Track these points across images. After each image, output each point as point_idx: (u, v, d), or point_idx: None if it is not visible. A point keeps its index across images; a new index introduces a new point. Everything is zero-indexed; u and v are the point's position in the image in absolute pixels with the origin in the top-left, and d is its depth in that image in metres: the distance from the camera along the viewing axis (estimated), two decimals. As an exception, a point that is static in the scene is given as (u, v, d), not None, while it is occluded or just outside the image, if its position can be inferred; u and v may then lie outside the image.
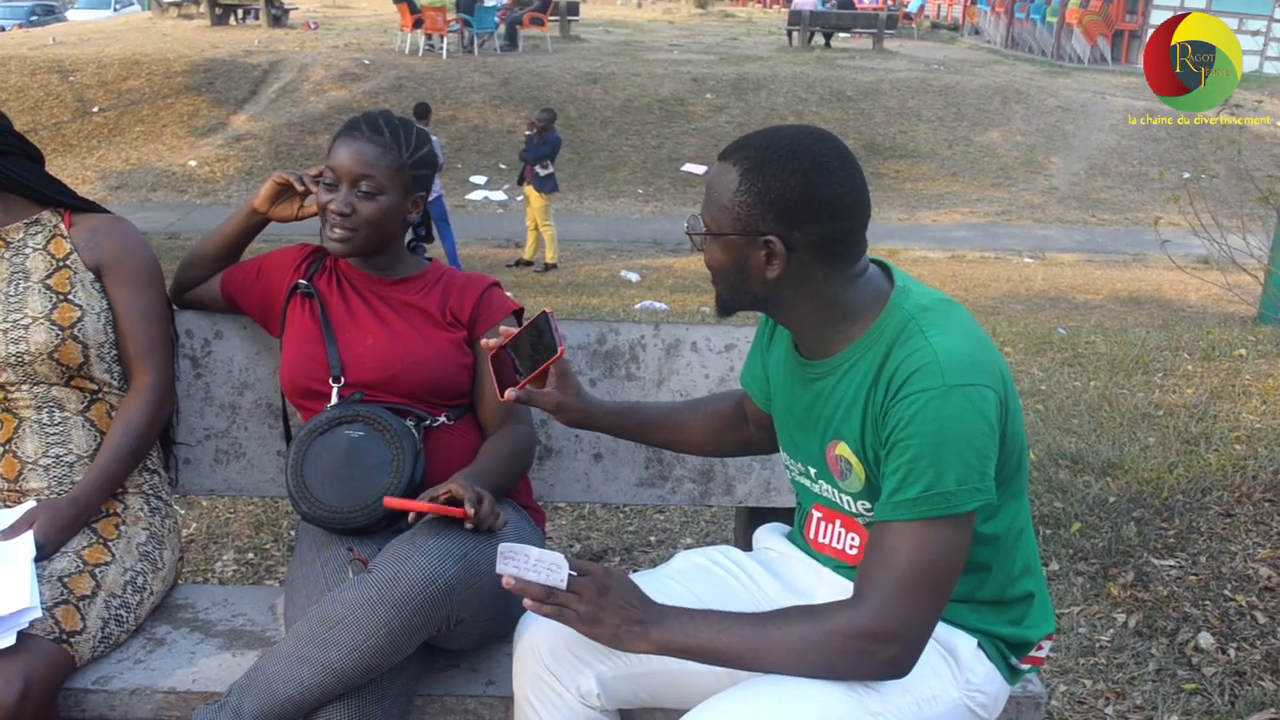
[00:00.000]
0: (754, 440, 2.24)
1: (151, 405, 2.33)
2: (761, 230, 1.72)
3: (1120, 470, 4.29)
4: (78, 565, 2.15)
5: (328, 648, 1.91)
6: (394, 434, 2.20)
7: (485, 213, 17.30)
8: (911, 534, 1.66)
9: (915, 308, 1.76)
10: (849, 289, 1.79)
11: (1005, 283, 13.07)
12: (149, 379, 2.34)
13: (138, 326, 2.34)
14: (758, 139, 1.76)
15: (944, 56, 27.49)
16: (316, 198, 2.34)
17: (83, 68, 21.24)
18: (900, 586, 1.65)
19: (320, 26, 27.44)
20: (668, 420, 2.22)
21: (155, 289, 2.39)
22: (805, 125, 1.81)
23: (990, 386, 1.68)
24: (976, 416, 1.65)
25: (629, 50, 25.52)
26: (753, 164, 1.72)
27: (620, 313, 8.47)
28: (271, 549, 3.84)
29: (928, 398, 1.65)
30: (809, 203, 1.70)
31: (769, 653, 1.69)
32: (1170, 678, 3.05)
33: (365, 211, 2.30)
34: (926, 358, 1.67)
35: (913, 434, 1.66)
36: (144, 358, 2.34)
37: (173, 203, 17.34)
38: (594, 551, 3.86)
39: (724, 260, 1.79)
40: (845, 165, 1.73)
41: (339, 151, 2.30)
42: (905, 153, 20.37)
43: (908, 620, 1.66)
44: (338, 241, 2.32)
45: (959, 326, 1.74)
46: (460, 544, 1.99)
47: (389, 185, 2.31)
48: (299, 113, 20.09)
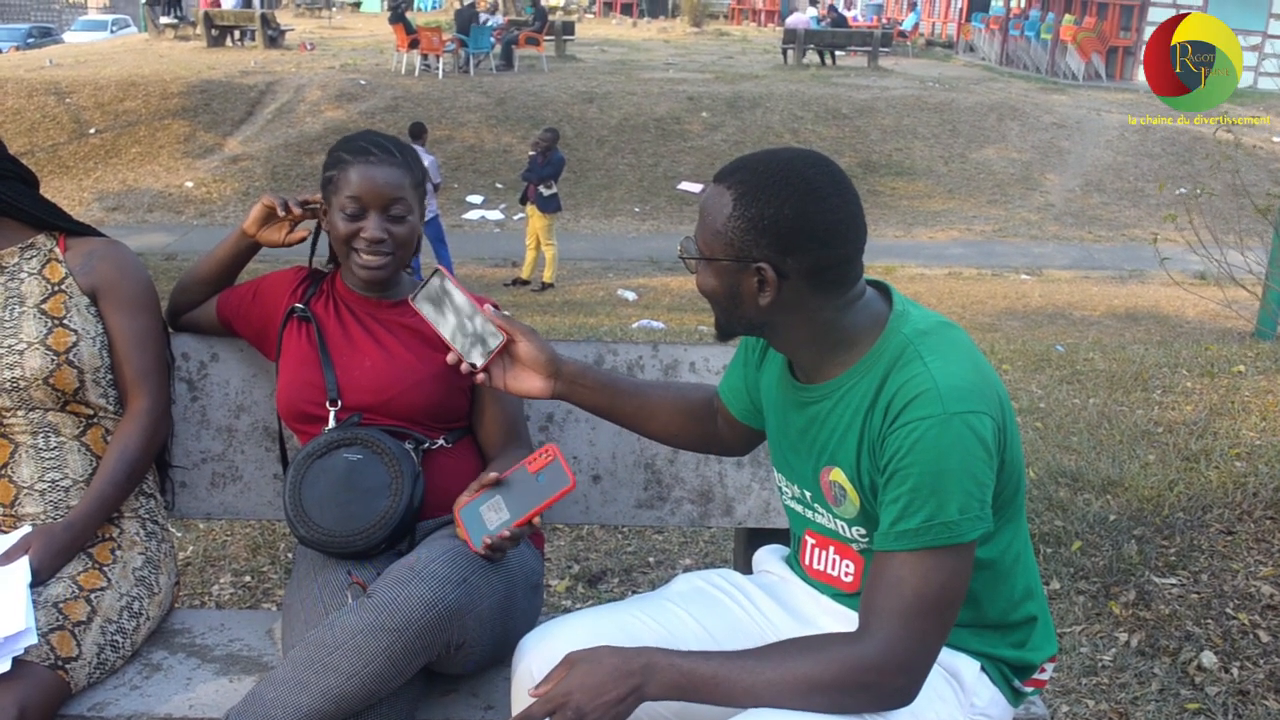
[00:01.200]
0: (720, 437, 2.20)
1: (147, 430, 2.32)
2: (754, 257, 1.70)
3: (1120, 488, 4.28)
4: (73, 591, 2.13)
5: (326, 673, 1.89)
6: (392, 457, 2.19)
7: (482, 232, 17.30)
8: (917, 564, 1.65)
9: (914, 332, 1.74)
10: (845, 314, 1.77)
11: (1002, 299, 13.07)
12: (144, 403, 2.33)
13: (133, 351, 2.33)
14: (753, 162, 1.74)
15: (939, 74, 27.58)
16: (333, 228, 2.32)
17: (79, 89, 21.29)
18: (907, 617, 1.64)
19: (316, 48, 27.48)
20: (637, 392, 2.13)
21: (150, 313, 2.38)
22: (801, 149, 1.79)
23: (988, 413, 1.67)
24: (976, 444, 1.64)
25: (625, 69, 25.59)
26: (747, 189, 1.70)
27: (617, 332, 8.46)
28: (269, 572, 3.82)
29: (927, 425, 1.63)
30: (802, 230, 1.68)
31: (770, 693, 1.66)
32: (1173, 697, 3.04)
33: (399, 234, 2.30)
34: (925, 384, 1.66)
35: (913, 462, 1.64)
36: (139, 382, 2.33)
37: (169, 224, 17.35)
38: (593, 573, 3.85)
39: (716, 285, 1.77)
40: (840, 191, 1.71)
41: (357, 179, 2.27)
42: (901, 170, 20.42)
43: (916, 651, 1.65)
44: (377, 269, 2.30)
45: (957, 351, 1.72)
46: (460, 569, 1.98)
47: (414, 204, 2.32)
48: (295, 133, 20.12)
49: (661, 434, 2.18)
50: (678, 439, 2.20)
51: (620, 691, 1.67)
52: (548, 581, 3.75)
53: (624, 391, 2.11)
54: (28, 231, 2.33)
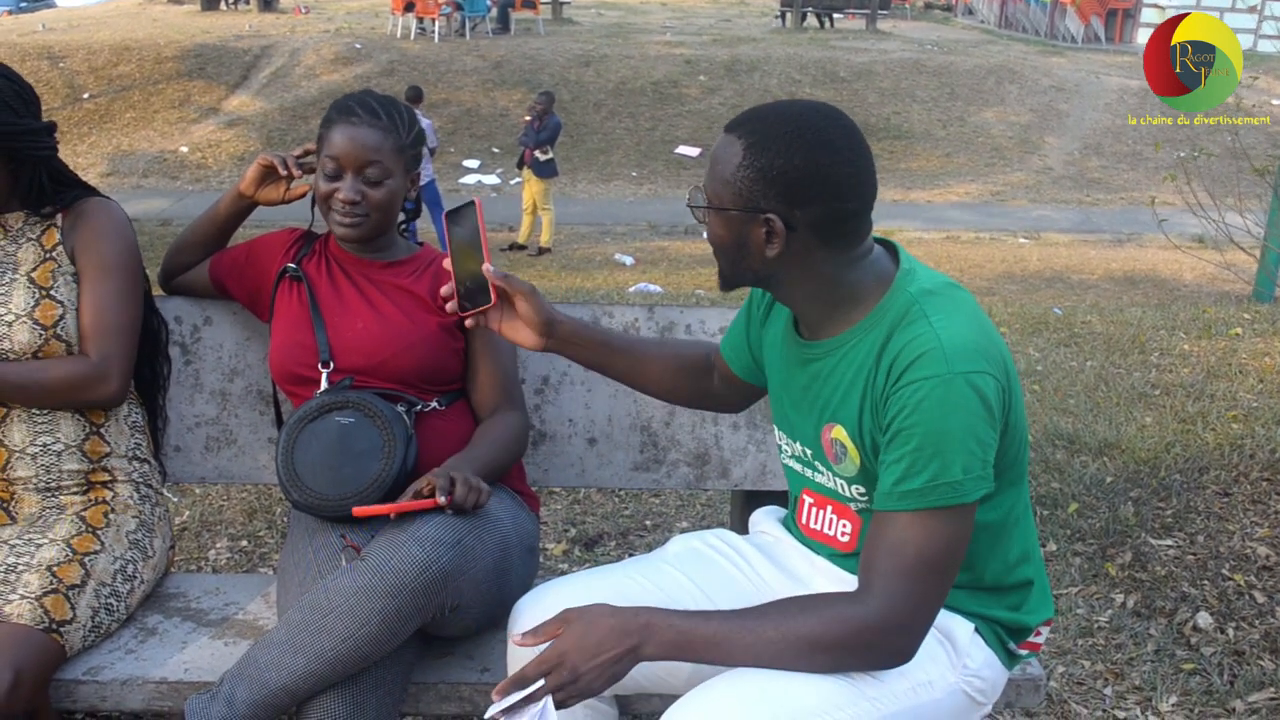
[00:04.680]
0: (715, 393, 2.18)
1: (79, 375, 2.22)
2: (762, 208, 1.68)
3: (1117, 450, 4.28)
4: (67, 554, 2.13)
5: (321, 636, 1.89)
6: (385, 420, 2.18)
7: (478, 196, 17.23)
8: (919, 524, 1.64)
9: (919, 291, 1.72)
10: (852, 270, 1.75)
11: (1000, 263, 13.06)
12: (88, 360, 2.23)
13: (87, 311, 2.24)
14: (765, 112, 1.72)
15: (938, 37, 27.46)
16: (315, 186, 2.31)
17: (73, 54, 21.18)
18: (910, 577, 1.63)
19: (311, 11, 27.36)
20: (632, 349, 2.12)
21: (121, 276, 2.29)
22: (814, 101, 1.77)
23: (992, 374, 1.65)
24: (979, 404, 1.62)
25: (622, 33, 25.47)
26: (757, 139, 1.68)
27: (614, 295, 8.45)
28: (265, 536, 3.82)
29: (932, 385, 1.62)
30: (812, 182, 1.66)
31: (770, 652, 1.66)
32: (1169, 658, 3.04)
33: (375, 197, 2.28)
34: (930, 344, 1.64)
35: (917, 422, 1.63)
36: (86, 338, 2.24)
37: (165, 189, 17.30)
38: (589, 536, 3.85)
39: (724, 235, 1.75)
40: (852, 144, 1.68)
41: (338, 139, 2.26)
42: (899, 133, 20.35)
43: (918, 611, 1.65)
44: (349, 228, 2.29)
45: (963, 312, 1.70)
46: (454, 530, 1.97)
47: (394, 168, 2.29)
48: (291, 97, 20.04)
49: (657, 389, 2.16)
50: (673, 394, 2.18)
51: (617, 651, 1.66)
52: (544, 545, 3.75)
53: (618, 348, 2.09)
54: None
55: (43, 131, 2.23)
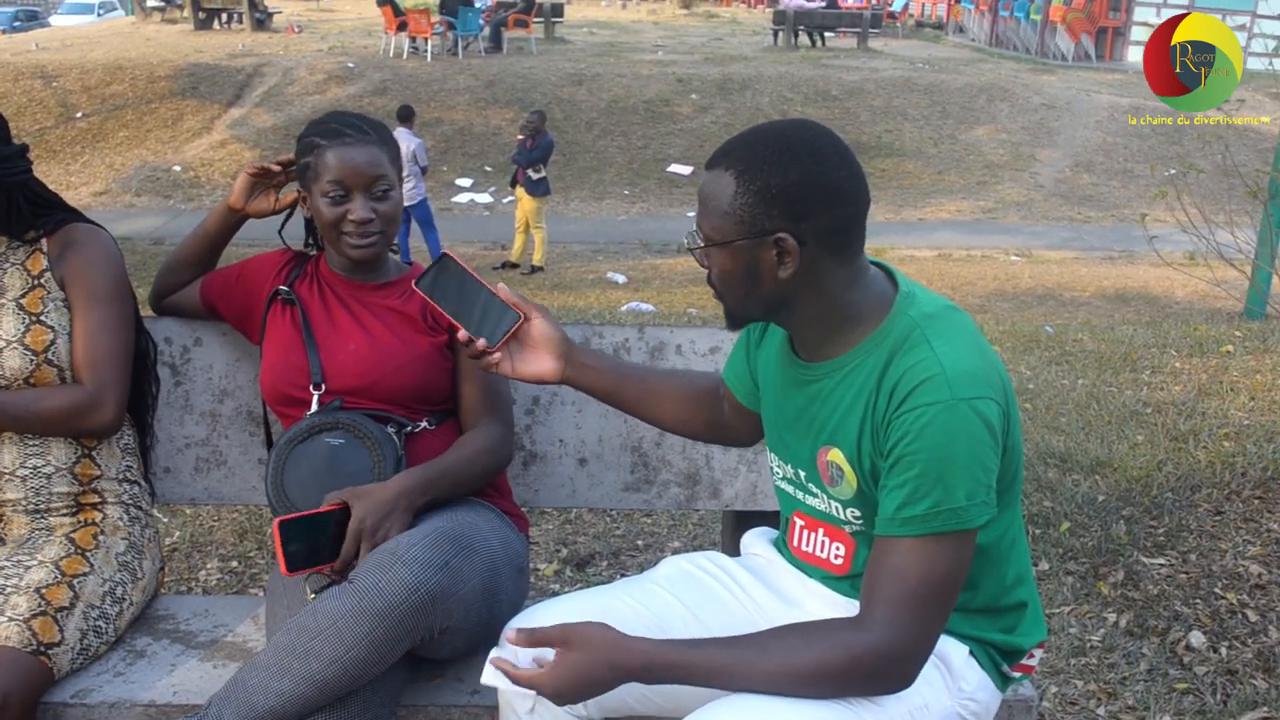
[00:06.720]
0: (727, 424, 2.16)
1: (75, 404, 2.22)
2: (769, 229, 1.67)
3: (1109, 468, 4.28)
4: (55, 576, 2.12)
5: (309, 659, 1.88)
6: (374, 441, 2.17)
7: (471, 215, 17.26)
8: (922, 550, 1.63)
9: (920, 315, 1.72)
10: (855, 289, 1.75)
11: (992, 280, 13.07)
12: (83, 390, 2.23)
13: (81, 341, 2.23)
14: (745, 139, 1.72)
15: (929, 55, 27.55)
16: (317, 213, 2.30)
17: (66, 73, 21.18)
18: (913, 604, 1.62)
19: (304, 30, 27.38)
20: (644, 377, 2.11)
21: (111, 304, 2.28)
22: (788, 119, 1.77)
23: (995, 399, 1.65)
24: (983, 430, 1.62)
25: (614, 51, 25.51)
26: (747, 165, 1.68)
27: (606, 314, 8.44)
28: (255, 557, 3.80)
29: (935, 411, 1.61)
30: (812, 192, 1.65)
31: (771, 684, 1.65)
32: (1162, 677, 3.04)
33: (385, 212, 2.29)
34: (933, 369, 1.63)
35: (920, 448, 1.62)
36: (80, 369, 2.24)
37: (157, 208, 17.27)
38: (581, 556, 3.84)
39: (732, 268, 1.73)
40: (839, 150, 1.69)
41: (338, 162, 2.25)
42: (891, 151, 20.38)
43: (921, 637, 1.64)
44: (365, 249, 2.29)
45: (964, 336, 1.70)
46: (442, 553, 1.97)
47: (394, 179, 2.32)
48: (284, 116, 20.03)
49: (668, 420, 2.15)
50: (686, 425, 2.17)
51: (610, 689, 1.67)
52: (536, 565, 3.74)
53: (630, 376, 2.09)
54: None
55: (14, 156, 2.23)
